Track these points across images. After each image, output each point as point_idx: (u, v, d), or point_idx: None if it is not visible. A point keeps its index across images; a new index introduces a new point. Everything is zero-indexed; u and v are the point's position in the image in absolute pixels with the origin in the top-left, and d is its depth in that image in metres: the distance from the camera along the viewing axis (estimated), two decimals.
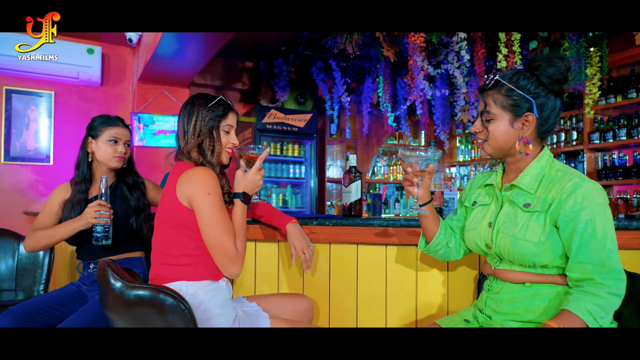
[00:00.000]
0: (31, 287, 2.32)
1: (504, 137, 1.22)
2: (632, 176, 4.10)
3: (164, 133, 4.33)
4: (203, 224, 1.30)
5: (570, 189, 1.12)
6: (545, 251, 1.13)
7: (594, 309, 1.03)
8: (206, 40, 3.33)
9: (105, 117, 1.93)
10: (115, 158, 1.85)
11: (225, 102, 1.49)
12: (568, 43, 3.48)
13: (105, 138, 1.85)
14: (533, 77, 1.20)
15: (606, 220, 1.10)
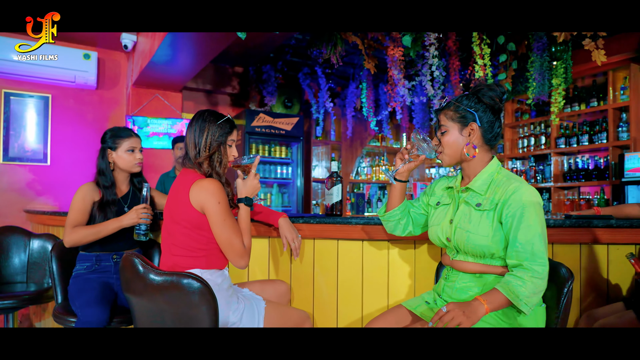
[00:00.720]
0: (41, 279, 2.55)
1: (455, 144, 1.50)
2: (593, 178, 4.45)
3: (157, 135, 4.54)
4: (215, 227, 1.56)
5: (511, 191, 1.40)
6: (493, 243, 1.41)
7: (518, 290, 1.31)
8: (200, 49, 3.56)
9: (118, 130, 2.19)
10: (136, 164, 2.16)
11: (232, 120, 1.75)
12: (533, 57, 3.80)
13: (125, 148, 2.13)
14: (475, 97, 1.50)
15: (537, 218, 1.36)
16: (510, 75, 4.04)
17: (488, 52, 3.51)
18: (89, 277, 2.03)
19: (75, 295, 1.89)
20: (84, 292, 1.88)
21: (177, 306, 1.35)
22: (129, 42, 4.27)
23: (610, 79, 4.34)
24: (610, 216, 1.96)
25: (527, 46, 3.91)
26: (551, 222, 1.86)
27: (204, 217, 1.58)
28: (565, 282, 1.36)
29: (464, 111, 1.48)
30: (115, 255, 2.12)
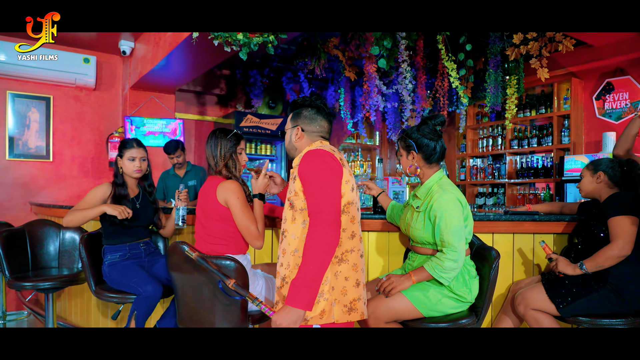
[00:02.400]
0: (71, 264, 2.97)
1: (405, 165, 2.07)
2: (541, 176, 5.13)
3: (153, 134, 4.93)
4: (236, 217, 2.03)
5: (436, 199, 1.93)
6: (425, 234, 1.96)
7: (437, 267, 1.86)
8: (201, 60, 3.97)
9: (125, 141, 2.60)
10: (134, 171, 2.55)
11: (238, 134, 2.23)
12: (489, 72, 4.39)
13: (127, 157, 2.55)
14: (418, 131, 2.04)
15: (453, 217, 1.87)
16: (469, 87, 4.64)
17: (455, 67, 4.08)
18: (125, 263, 2.46)
19: (124, 277, 2.34)
20: (134, 274, 2.33)
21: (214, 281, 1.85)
22: (127, 48, 4.62)
23: (556, 90, 5.00)
24: (536, 212, 2.56)
25: (484, 62, 4.51)
26: (492, 216, 2.44)
27: (229, 210, 2.05)
28: (494, 260, 1.93)
29: (408, 142, 2.05)
30: (142, 243, 2.58)
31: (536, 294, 2.17)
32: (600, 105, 4.80)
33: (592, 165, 2.37)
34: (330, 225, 1.56)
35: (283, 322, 1.52)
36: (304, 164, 1.66)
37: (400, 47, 3.94)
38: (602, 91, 4.78)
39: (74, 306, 3.51)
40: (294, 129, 1.85)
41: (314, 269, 1.52)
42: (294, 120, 1.86)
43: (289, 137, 1.88)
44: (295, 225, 1.69)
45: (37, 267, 2.88)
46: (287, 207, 1.72)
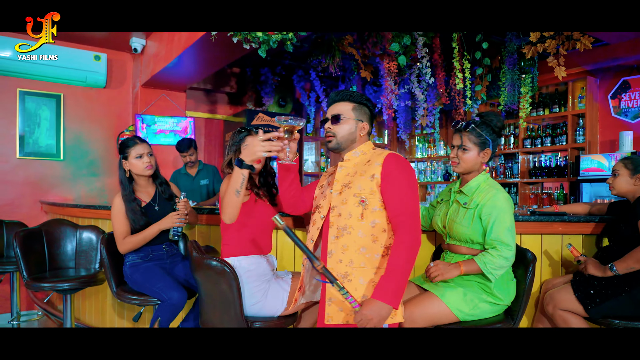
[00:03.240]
0: (88, 265, 2.93)
1: (472, 162, 2.00)
2: (554, 175, 5.09)
3: (164, 132, 4.88)
4: None
5: (489, 197, 1.91)
6: (472, 232, 1.91)
7: (489, 263, 1.82)
8: (215, 58, 3.93)
9: (126, 140, 2.45)
10: (145, 168, 2.41)
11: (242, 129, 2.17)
12: (505, 71, 4.35)
13: (134, 155, 2.39)
14: (490, 127, 1.99)
15: (507, 216, 1.87)
16: (484, 86, 4.59)
17: (468, 67, 4.03)
18: (148, 264, 2.40)
19: (147, 281, 2.27)
20: (159, 278, 2.26)
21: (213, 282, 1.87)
22: (139, 46, 4.57)
23: (570, 88, 4.95)
24: (564, 213, 2.52)
25: (500, 61, 4.46)
26: (520, 217, 2.40)
27: None
28: (530, 263, 1.89)
29: (484, 138, 1.97)
30: (165, 245, 2.51)
31: (565, 295, 2.13)
32: (616, 104, 4.75)
33: (633, 164, 2.28)
34: (419, 228, 1.64)
35: (374, 317, 1.52)
36: (394, 166, 1.68)
37: (417, 45, 3.89)
38: (618, 90, 4.73)
39: (88, 306, 3.47)
40: (360, 123, 1.80)
41: (403, 268, 1.56)
42: (359, 114, 1.80)
43: (350, 128, 1.78)
44: (363, 223, 1.67)
45: (54, 267, 2.84)
46: (354, 203, 1.67)
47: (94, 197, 4.79)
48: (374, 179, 1.67)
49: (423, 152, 6.99)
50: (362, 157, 1.79)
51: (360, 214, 1.67)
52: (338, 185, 1.75)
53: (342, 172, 1.78)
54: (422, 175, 6.92)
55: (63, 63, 4.40)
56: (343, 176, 1.76)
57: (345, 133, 1.78)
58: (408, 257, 1.58)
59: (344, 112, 1.79)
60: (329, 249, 1.70)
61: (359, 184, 1.69)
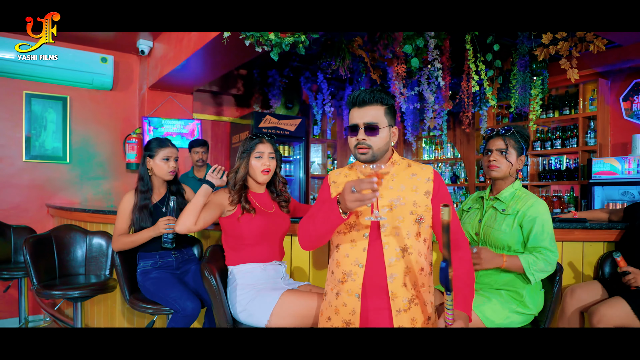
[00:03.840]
0: (98, 270, 2.88)
1: (509, 166, 2.00)
2: (564, 178, 5.04)
3: (171, 135, 4.83)
4: None
5: (530, 205, 1.89)
6: (510, 238, 1.90)
7: (532, 263, 1.81)
8: (225, 61, 3.88)
9: (159, 140, 2.45)
10: (169, 173, 2.41)
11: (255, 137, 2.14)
12: (517, 73, 4.30)
13: (161, 157, 2.39)
14: (523, 137, 2.02)
15: (549, 224, 1.88)
16: (495, 89, 4.54)
17: (483, 69, 3.99)
18: (158, 272, 2.35)
19: (159, 290, 2.23)
20: (171, 288, 2.21)
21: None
22: (146, 48, 4.53)
23: (581, 90, 4.90)
24: (584, 219, 2.47)
25: (511, 63, 4.41)
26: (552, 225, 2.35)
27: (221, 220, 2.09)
28: (557, 273, 1.85)
29: (520, 144, 2.00)
30: (175, 252, 2.46)
31: (617, 310, 2.02)
32: (627, 106, 4.70)
33: None
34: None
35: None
36: (442, 183, 1.65)
37: (429, 47, 3.84)
38: (630, 92, 4.68)
39: (97, 312, 3.43)
40: (393, 128, 1.62)
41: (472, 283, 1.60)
42: (390, 118, 1.61)
43: (385, 138, 1.58)
44: (419, 242, 1.58)
45: (64, 274, 2.79)
46: (411, 221, 1.55)
47: (100, 201, 4.75)
48: (429, 195, 1.59)
49: (430, 154, 6.94)
50: (396, 167, 1.65)
51: (417, 232, 1.57)
52: (384, 201, 1.58)
53: (384, 185, 1.61)
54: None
55: (69, 65, 4.35)
56: (386, 190, 1.60)
57: (382, 144, 1.57)
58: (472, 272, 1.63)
59: (379, 119, 1.56)
60: (389, 273, 1.54)
61: (414, 199, 1.57)
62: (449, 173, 6.62)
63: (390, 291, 1.52)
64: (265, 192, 2.18)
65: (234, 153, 5.54)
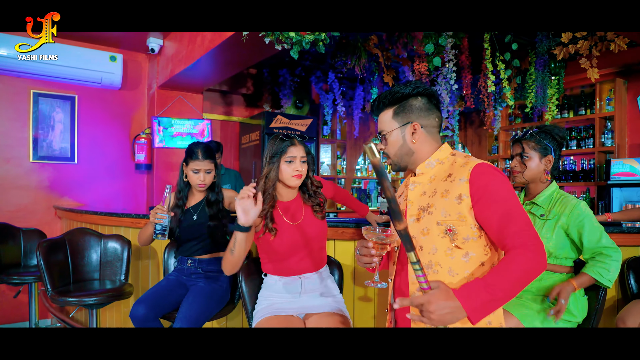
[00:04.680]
0: (113, 275, 2.79)
1: (535, 170, 1.90)
2: (580, 179, 4.96)
3: (181, 135, 4.74)
4: None
5: (572, 207, 1.81)
6: (552, 244, 1.82)
7: (602, 271, 1.73)
8: (238, 60, 3.79)
9: (193, 147, 2.33)
10: (198, 185, 2.34)
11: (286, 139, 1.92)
12: (536, 73, 4.22)
13: (192, 167, 2.31)
14: (549, 135, 1.91)
15: (595, 221, 1.79)
16: (513, 88, 4.46)
17: (503, 67, 3.91)
18: (170, 275, 2.40)
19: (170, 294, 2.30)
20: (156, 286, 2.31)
21: None
22: (156, 46, 4.44)
23: (598, 90, 4.82)
24: (619, 222, 2.39)
25: (528, 62, 4.33)
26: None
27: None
28: None
29: (544, 144, 1.89)
30: (191, 260, 2.35)
31: None
32: None
33: None
34: (543, 248, 1.22)
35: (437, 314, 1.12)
36: (484, 179, 1.29)
37: (446, 47, 3.76)
38: None
39: (108, 317, 3.33)
40: (407, 127, 1.41)
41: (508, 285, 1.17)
42: (402, 116, 1.42)
43: (397, 141, 1.42)
44: (453, 259, 1.32)
45: (78, 279, 2.70)
46: (438, 233, 1.33)
47: (108, 202, 4.66)
48: (462, 201, 1.30)
49: None
50: (439, 167, 1.41)
51: (447, 247, 1.32)
52: (414, 209, 1.40)
53: (415, 190, 1.43)
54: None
55: (77, 63, 4.26)
56: (418, 196, 1.41)
57: (396, 150, 1.43)
58: (520, 278, 1.18)
59: (386, 125, 1.44)
60: (411, 291, 1.37)
61: (442, 207, 1.33)
62: None
63: (412, 311, 1.29)
64: (297, 197, 2.01)
65: (244, 153, 5.45)
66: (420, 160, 1.43)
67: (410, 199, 1.42)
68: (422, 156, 1.43)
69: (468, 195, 1.30)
